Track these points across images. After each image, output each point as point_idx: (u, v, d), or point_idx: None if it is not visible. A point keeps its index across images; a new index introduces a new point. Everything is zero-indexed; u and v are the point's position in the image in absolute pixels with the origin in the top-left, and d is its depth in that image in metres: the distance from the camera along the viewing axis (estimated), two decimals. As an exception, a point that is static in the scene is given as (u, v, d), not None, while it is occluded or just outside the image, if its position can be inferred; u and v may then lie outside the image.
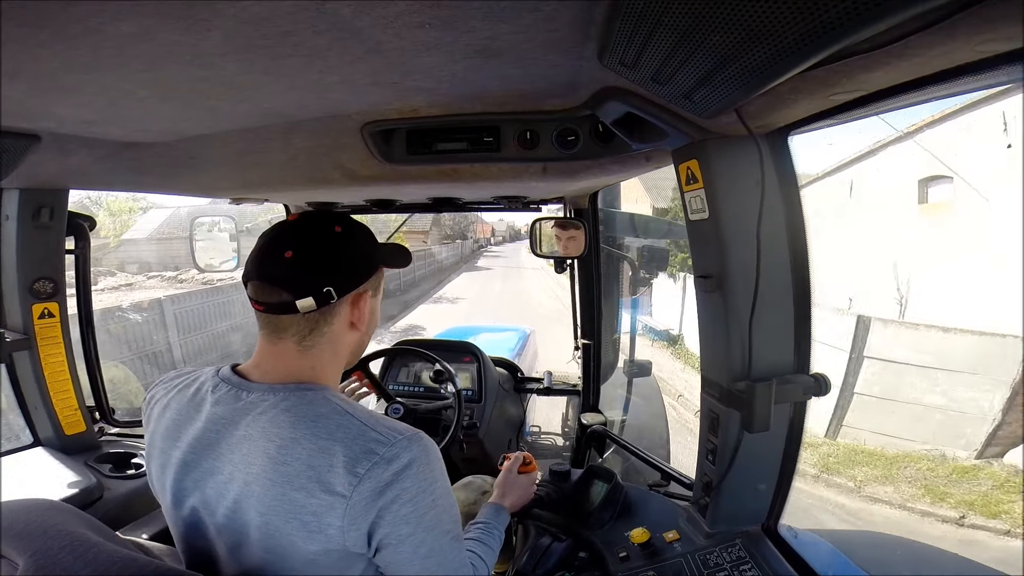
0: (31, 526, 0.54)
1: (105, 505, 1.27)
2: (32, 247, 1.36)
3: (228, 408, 0.67)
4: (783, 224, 0.88)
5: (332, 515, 0.59)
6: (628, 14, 0.48)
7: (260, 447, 0.62)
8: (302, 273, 0.68)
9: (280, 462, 0.61)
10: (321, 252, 0.70)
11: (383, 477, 0.60)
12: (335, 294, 0.69)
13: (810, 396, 0.92)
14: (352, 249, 0.73)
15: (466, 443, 1.71)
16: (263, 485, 0.61)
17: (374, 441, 0.62)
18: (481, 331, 4.31)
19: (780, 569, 0.92)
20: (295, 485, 0.60)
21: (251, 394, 0.67)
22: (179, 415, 0.70)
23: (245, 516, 0.62)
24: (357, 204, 1.68)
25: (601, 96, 0.77)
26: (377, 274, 0.77)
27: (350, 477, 0.59)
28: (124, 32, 0.51)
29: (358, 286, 0.73)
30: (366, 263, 0.75)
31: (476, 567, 0.83)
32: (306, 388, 0.68)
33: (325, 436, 0.62)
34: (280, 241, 0.70)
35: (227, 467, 0.64)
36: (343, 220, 0.74)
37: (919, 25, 0.41)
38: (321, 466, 0.60)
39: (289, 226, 0.73)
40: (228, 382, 0.70)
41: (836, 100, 0.64)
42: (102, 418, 1.64)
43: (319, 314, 0.70)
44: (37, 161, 0.96)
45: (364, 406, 0.71)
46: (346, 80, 0.70)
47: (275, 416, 0.64)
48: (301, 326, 0.70)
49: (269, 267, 0.69)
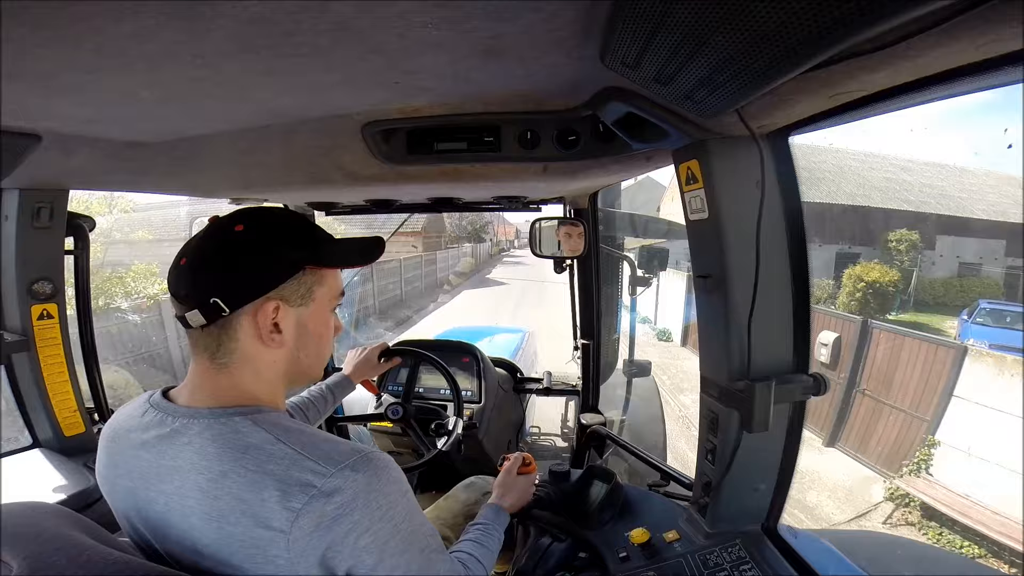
0: (26, 529, 0.54)
1: (103, 507, 1.24)
2: (31, 248, 1.35)
3: (154, 436, 0.62)
4: (783, 224, 0.88)
5: (275, 548, 0.55)
6: (630, 14, 0.48)
7: (191, 480, 0.58)
8: (190, 283, 0.62)
9: (212, 496, 0.56)
10: (210, 258, 0.62)
11: (326, 512, 0.55)
12: (224, 306, 0.61)
13: (809, 396, 0.93)
14: (253, 251, 0.63)
15: (466, 444, 1.71)
16: (201, 519, 0.57)
17: (310, 472, 0.56)
18: (481, 331, 4.31)
19: (780, 569, 0.92)
20: (230, 521, 0.56)
21: (176, 420, 0.62)
22: (117, 444, 0.66)
23: (194, 545, 0.59)
24: (357, 204, 1.68)
25: (602, 96, 0.77)
26: (300, 278, 0.65)
27: (286, 513, 0.54)
28: (125, 32, 0.51)
29: (259, 295, 0.62)
30: (273, 266, 0.64)
31: (470, 567, 0.82)
32: (235, 412, 0.61)
33: (254, 469, 0.56)
34: (184, 249, 0.64)
35: (162, 498, 0.60)
36: (253, 217, 0.64)
37: (922, 26, 0.41)
38: (253, 500, 0.55)
39: (199, 232, 0.65)
40: (156, 407, 0.65)
41: (838, 100, 0.64)
42: (101, 420, 1.63)
43: (218, 328, 0.62)
44: (37, 161, 0.96)
45: (305, 428, 0.63)
46: (347, 80, 0.70)
47: (201, 446, 0.59)
48: (207, 342, 0.63)
49: (170, 277, 0.64)
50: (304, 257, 0.66)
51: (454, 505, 1.33)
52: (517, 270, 23.80)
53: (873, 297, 10.44)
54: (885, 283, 10.56)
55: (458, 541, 0.92)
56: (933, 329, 10.10)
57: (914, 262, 13.06)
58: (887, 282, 10.59)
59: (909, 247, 12.92)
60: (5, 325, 1.39)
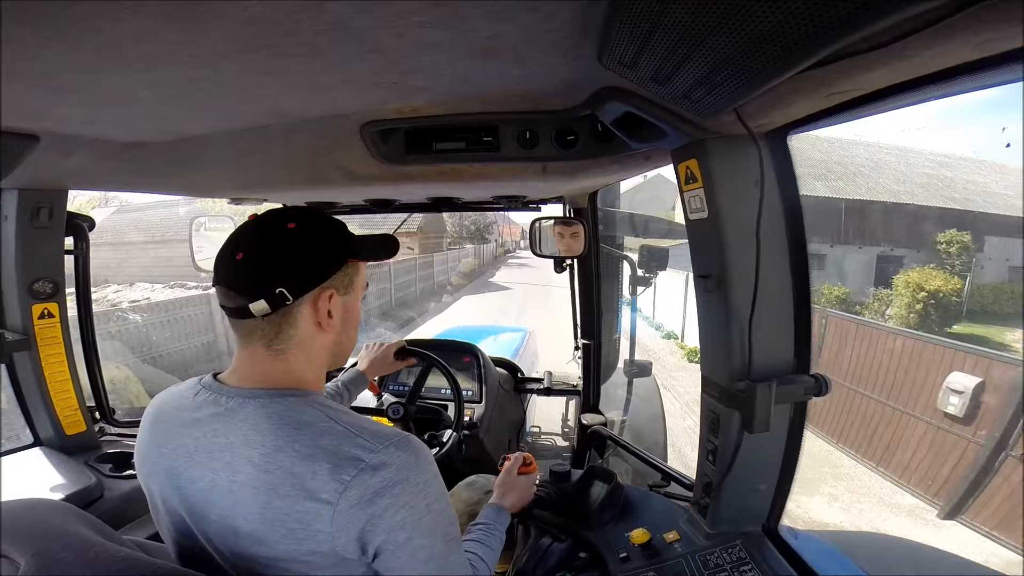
0: (32, 526, 0.54)
1: (105, 505, 1.27)
2: (31, 247, 1.36)
3: (208, 414, 0.66)
4: (782, 223, 0.88)
5: (319, 521, 0.59)
6: (627, 14, 0.48)
7: (243, 455, 0.61)
8: (253, 275, 0.66)
9: (264, 470, 0.60)
10: (272, 251, 0.67)
11: (371, 484, 0.59)
12: (289, 295, 0.66)
13: (810, 396, 0.92)
14: (308, 245, 0.69)
15: (466, 444, 1.71)
16: (249, 493, 0.60)
17: (359, 447, 0.61)
18: (481, 331, 4.32)
19: (780, 570, 0.92)
20: (280, 493, 0.59)
21: (230, 400, 0.66)
22: (163, 423, 0.69)
23: (233, 523, 0.61)
24: (356, 204, 1.68)
25: (600, 96, 0.77)
26: (345, 269, 0.72)
27: (335, 484, 0.58)
28: (124, 32, 0.51)
29: (317, 284, 0.69)
30: (327, 259, 0.70)
31: (476, 568, 0.83)
32: (288, 394, 0.66)
33: (308, 443, 0.60)
34: (234, 243, 0.68)
35: (208, 475, 0.63)
36: (299, 215, 0.70)
37: (918, 25, 0.41)
38: (305, 474, 0.59)
39: (243, 227, 0.70)
40: (208, 388, 0.69)
41: (835, 100, 0.64)
42: (102, 418, 1.64)
43: (280, 317, 0.67)
44: (37, 161, 0.96)
45: (349, 410, 0.69)
46: (346, 80, 0.70)
47: (257, 423, 0.62)
48: (265, 330, 0.67)
49: (224, 271, 0.67)
50: (347, 251, 0.73)
51: (457, 504, 1.33)
52: (520, 272, 22.84)
53: (935, 309, 9.25)
54: (948, 292, 9.34)
55: (462, 540, 0.92)
56: (995, 344, 8.78)
57: (966, 266, 11.57)
58: (950, 291, 9.37)
59: (960, 249, 11.56)
60: (6, 324, 1.39)
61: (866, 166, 13.67)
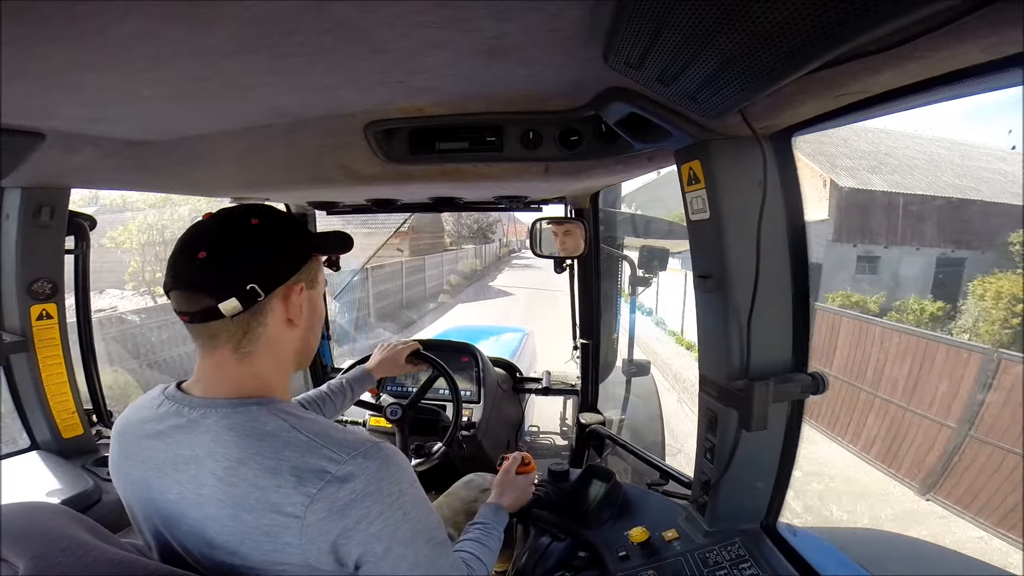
0: (31, 529, 0.54)
1: (103, 508, 1.26)
2: (32, 247, 1.34)
3: (170, 426, 0.64)
4: (784, 225, 0.89)
5: (288, 534, 0.57)
6: (634, 15, 0.48)
7: (208, 468, 0.60)
8: (220, 273, 0.63)
9: (228, 483, 0.58)
10: (238, 248, 0.64)
11: (339, 497, 0.57)
12: (260, 291, 0.64)
13: (808, 395, 0.93)
14: (274, 240, 0.67)
15: (465, 443, 1.71)
16: (215, 506, 0.59)
17: (325, 459, 0.59)
18: (480, 331, 4.31)
19: (779, 567, 0.92)
20: (246, 507, 0.57)
21: (193, 411, 0.64)
22: (130, 435, 0.68)
23: (205, 534, 0.60)
24: (358, 203, 1.68)
25: (605, 96, 0.77)
26: (310, 264, 0.72)
27: (301, 497, 0.57)
28: (128, 31, 0.51)
29: (287, 279, 0.67)
30: (293, 253, 0.69)
31: (473, 567, 0.83)
32: (251, 403, 0.64)
33: (271, 455, 0.58)
34: (194, 242, 0.64)
35: (176, 487, 0.62)
36: (261, 211, 0.68)
37: (927, 27, 0.42)
38: (269, 487, 0.57)
39: (202, 225, 0.67)
40: (172, 399, 0.67)
41: (842, 101, 0.64)
42: (100, 421, 1.62)
43: (249, 315, 0.65)
44: (41, 159, 0.95)
45: (317, 417, 0.66)
46: (351, 79, 0.70)
47: (218, 435, 0.61)
48: (232, 331, 0.65)
49: (185, 272, 0.64)
50: (309, 245, 0.72)
51: (454, 502, 1.33)
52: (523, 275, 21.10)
53: (1023, 323, 7.40)
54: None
55: (459, 540, 0.93)
56: None
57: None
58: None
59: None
60: (4, 325, 1.38)
61: (923, 160, 12.66)
